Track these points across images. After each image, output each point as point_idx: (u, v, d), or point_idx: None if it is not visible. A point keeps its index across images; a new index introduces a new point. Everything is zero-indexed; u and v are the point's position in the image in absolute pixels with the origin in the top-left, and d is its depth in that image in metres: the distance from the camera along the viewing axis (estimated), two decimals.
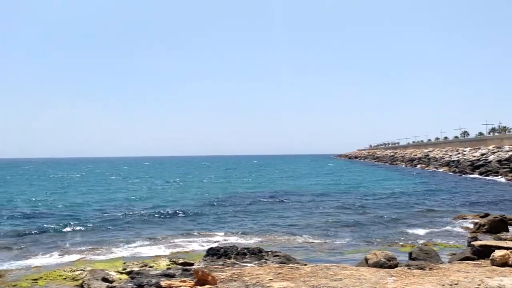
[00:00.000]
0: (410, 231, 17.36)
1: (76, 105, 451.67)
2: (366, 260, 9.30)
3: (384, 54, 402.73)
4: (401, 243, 14.98)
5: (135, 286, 8.33)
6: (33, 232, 17.81)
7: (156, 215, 22.29)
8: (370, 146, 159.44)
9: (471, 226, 17.39)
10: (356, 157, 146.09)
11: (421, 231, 17.21)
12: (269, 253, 11.19)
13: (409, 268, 8.11)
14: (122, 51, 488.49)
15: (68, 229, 18.47)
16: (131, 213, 23.16)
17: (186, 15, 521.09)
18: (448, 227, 17.98)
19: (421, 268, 8.04)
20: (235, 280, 6.02)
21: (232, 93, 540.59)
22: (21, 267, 12.31)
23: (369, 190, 35.54)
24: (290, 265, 7.88)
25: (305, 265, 8.47)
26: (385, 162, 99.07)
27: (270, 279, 6.05)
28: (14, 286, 10.39)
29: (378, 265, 8.60)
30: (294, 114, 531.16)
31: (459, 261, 9.39)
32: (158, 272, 9.46)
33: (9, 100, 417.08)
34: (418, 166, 71.89)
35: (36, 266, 12.30)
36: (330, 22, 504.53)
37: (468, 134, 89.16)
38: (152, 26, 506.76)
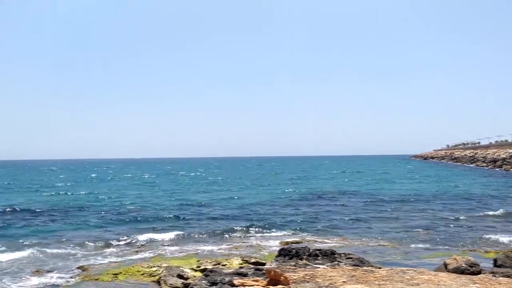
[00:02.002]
0: (494, 236, 16.27)
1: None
2: (445, 265, 8.85)
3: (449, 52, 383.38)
4: (484, 249, 14.10)
5: (209, 284, 8.51)
6: (113, 229, 18.84)
7: (230, 215, 22.73)
8: (447, 146, 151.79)
9: None
10: (432, 158, 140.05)
11: (507, 237, 16.10)
12: (342, 255, 10.98)
13: (494, 276, 7.60)
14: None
15: (145, 226, 19.32)
16: (206, 212, 23.81)
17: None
18: None
19: (508, 276, 7.51)
20: (307, 281, 5.93)
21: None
22: (103, 262, 13.04)
23: (453, 192, 33.71)
24: (364, 267, 7.64)
25: (380, 268, 8.20)
26: (464, 163, 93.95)
27: (344, 282, 5.90)
28: (97, 279, 11.00)
29: (459, 271, 8.14)
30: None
31: None
32: (231, 270, 9.59)
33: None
34: (502, 167, 67.32)
35: (116, 262, 12.96)
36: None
37: None
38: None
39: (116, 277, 11.11)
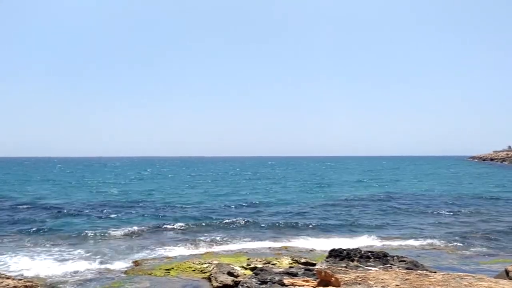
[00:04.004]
0: None
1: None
2: (507, 272, 8.40)
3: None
4: None
5: (259, 282, 8.51)
6: (166, 225, 19.28)
7: (282, 216, 22.73)
8: (509, 147, 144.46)
9: None
10: (491, 159, 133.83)
11: None
12: (395, 257, 10.68)
13: None
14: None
15: (197, 224, 19.66)
16: (259, 212, 23.94)
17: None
18: None
19: None
20: (359, 283, 5.81)
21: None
22: (156, 257, 13.40)
23: None
24: (418, 271, 7.40)
25: (435, 272, 7.91)
26: None
27: (397, 285, 5.74)
28: (150, 274, 11.32)
29: None
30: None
31: None
32: (280, 270, 9.55)
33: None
34: None
35: (169, 257, 13.27)
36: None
37: None
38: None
39: (168, 272, 11.38)
